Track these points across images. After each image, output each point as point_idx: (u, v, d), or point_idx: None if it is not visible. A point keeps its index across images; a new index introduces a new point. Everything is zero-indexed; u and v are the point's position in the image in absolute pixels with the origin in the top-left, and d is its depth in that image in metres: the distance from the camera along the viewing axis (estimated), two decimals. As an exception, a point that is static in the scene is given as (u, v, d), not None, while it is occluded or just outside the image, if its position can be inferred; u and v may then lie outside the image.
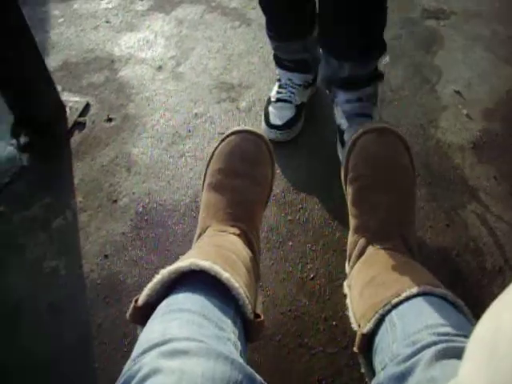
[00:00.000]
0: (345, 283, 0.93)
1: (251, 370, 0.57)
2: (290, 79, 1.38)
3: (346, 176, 0.96)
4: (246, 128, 0.98)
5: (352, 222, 0.94)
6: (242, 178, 0.94)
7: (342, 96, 1.28)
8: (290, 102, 1.37)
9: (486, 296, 1.07)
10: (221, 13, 1.79)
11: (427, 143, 1.35)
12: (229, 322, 0.66)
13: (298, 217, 1.23)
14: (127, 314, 0.70)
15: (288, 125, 1.35)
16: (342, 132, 1.28)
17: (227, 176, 0.94)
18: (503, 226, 1.18)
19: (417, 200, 0.95)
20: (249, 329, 0.72)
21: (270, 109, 1.37)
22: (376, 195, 0.90)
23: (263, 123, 1.36)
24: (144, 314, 0.67)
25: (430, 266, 0.85)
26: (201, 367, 0.52)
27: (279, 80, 1.41)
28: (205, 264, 0.68)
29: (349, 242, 0.95)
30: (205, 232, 0.90)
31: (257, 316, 0.74)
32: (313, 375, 0.99)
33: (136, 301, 0.70)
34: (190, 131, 1.43)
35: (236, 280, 0.70)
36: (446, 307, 0.67)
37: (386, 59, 1.22)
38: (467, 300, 0.73)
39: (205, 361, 0.53)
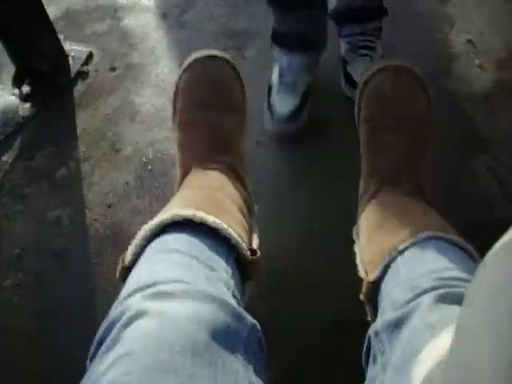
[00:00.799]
0: (354, 229, 0.90)
1: (241, 310, 0.55)
2: (290, 62, 1.23)
3: (358, 114, 0.92)
4: (206, 53, 0.92)
5: (363, 163, 0.91)
6: (215, 108, 0.89)
7: (347, 29, 1.27)
8: (294, 89, 1.23)
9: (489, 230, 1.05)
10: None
11: (438, 93, 1.31)
12: (221, 260, 0.63)
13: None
14: (116, 274, 0.68)
15: (294, 115, 1.21)
16: (345, 63, 1.28)
17: (198, 109, 0.90)
18: (513, 178, 1.16)
19: (433, 146, 0.90)
20: (246, 267, 0.70)
21: (273, 98, 1.23)
22: (388, 137, 0.86)
23: (266, 114, 1.24)
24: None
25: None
26: (186, 310, 0.50)
27: (279, 65, 1.26)
28: (187, 213, 0.65)
29: (360, 186, 0.92)
30: (187, 174, 0.87)
31: (253, 252, 0.72)
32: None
33: (123, 260, 0.68)
34: (194, 80, 1.39)
35: (224, 220, 0.68)
36: (453, 252, 0.65)
37: None
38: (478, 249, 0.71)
39: (191, 303, 0.51)
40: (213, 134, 0.88)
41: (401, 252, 0.67)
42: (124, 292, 0.57)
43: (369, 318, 0.74)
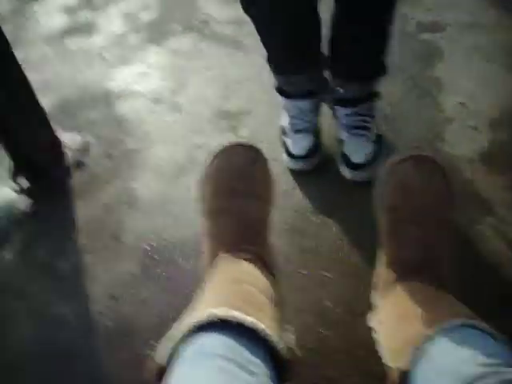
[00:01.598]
0: (370, 316, 0.88)
1: None
2: (299, 108, 1.30)
3: (381, 204, 0.92)
4: (233, 142, 0.94)
5: (384, 252, 0.91)
6: (243, 196, 0.90)
7: (341, 110, 1.29)
8: (307, 130, 1.31)
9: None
10: (215, 40, 1.76)
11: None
12: (260, 363, 0.61)
13: (314, 244, 1.19)
14: (145, 373, 0.65)
15: (310, 154, 1.30)
16: (341, 144, 1.30)
17: (226, 198, 0.90)
18: (522, 238, 1.15)
19: (453, 231, 0.91)
20: (284, 367, 0.67)
21: (288, 140, 1.32)
22: (412, 229, 0.86)
23: (284, 155, 1.33)
24: (163, 372, 0.62)
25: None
26: None
27: (288, 110, 1.33)
28: (224, 314, 0.64)
29: (377, 272, 0.91)
30: (214, 263, 0.86)
31: (290, 352, 0.69)
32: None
33: (154, 359, 0.65)
34: (191, 163, 1.40)
35: (260, 319, 0.66)
36: (485, 338, 0.63)
37: None
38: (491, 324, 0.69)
39: None
40: (241, 223, 0.88)
41: (431, 339, 0.65)
42: None
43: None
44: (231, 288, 0.75)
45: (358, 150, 1.26)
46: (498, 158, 1.31)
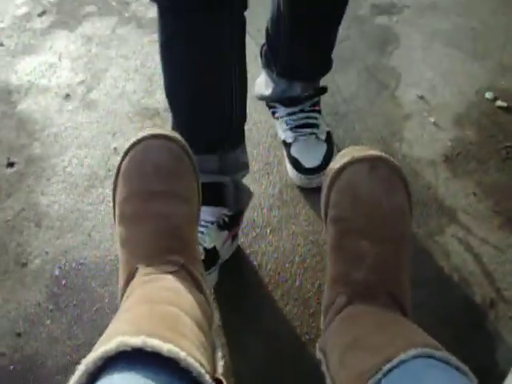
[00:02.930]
0: (317, 345, 0.89)
1: None
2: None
3: (325, 211, 0.91)
4: (151, 132, 0.89)
5: (331, 269, 0.89)
6: (162, 197, 0.87)
7: (283, 110, 1.32)
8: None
9: (479, 340, 1.06)
10: (136, 25, 1.76)
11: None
12: None
13: (248, 263, 1.20)
14: None
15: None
16: (288, 146, 1.32)
17: (143, 200, 0.87)
18: (489, 250, 1.19)
19: (411, 249, 0.91)
20: None
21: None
22: (362, 244, 0.85)
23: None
24: None
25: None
26: None
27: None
28: (136, 341, 0.63)
29: (325, 294, 0.90)
30: (132, 279, 0.84)
31: (218, 383, 0.69)
32: None
33: None
34: (109, 170, 1.39)
35: (182, 345, 0.65)
36: (448, 372, 0.64)
37: None
38: (459, 349, 0.71)
39: None
40: (161, 230, 0.86)
41: (385, 374, 0.66)
42: None
43: None
44: (148, 310, 0.73)
45: (309, 152, 1.28)
46: (462, 160, 1.34)
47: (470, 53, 1.58)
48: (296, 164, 1.29)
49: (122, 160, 0.90)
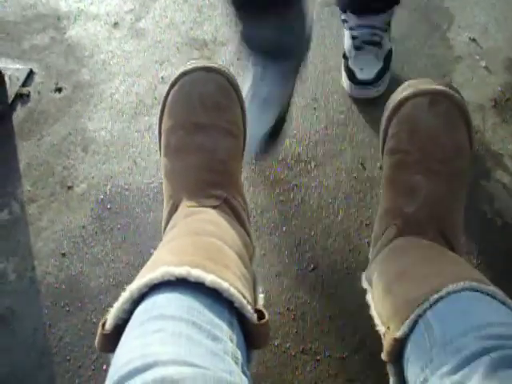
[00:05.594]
0: (363, 275, 0.89)
1: None
2: (264, 73, 1.22)
3: (383, 142, 0.90)
4: (199, 64, 0.88)
5: (383, 201, 0.89)
6: (208, 130, 0.87)
7: (354, 20, 1.32)
8: (269, 104, 1.21)
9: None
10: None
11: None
12: (224, 326, 0.61)
13: (291, 196, 1.19)
14: (95, 343, 0.65)
15: (271, 134, 1.21)
16: (347, 59, 1.34)
17: (188, 132, 0.87)
18: (535, 196, 1.16)
19: (467, 187, 0.89)
20: (251, 332, 0.67)
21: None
22: (416, 178, 0.84)
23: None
24: (115, 339, 0.61)
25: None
26: None
27: (252, 76, 1.24)
28: (181, 271, 0.63)
29: (376, 225, 0.90)
30: (176, 211, 0.84)
31: (259, 315, 0.68)
32: (320, 386, 0.96)
33: (103, 325, 0.64)
34: (156, 99, 1.38)
35: (225, 276, 0.65)
36: (495, 305, 0.63)
37: None
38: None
39: None
40: (205, 163, 0.86)
41: (433, 304, 0.65)
42: (113, 373, 0.53)
43: (391, 383, 0.71)
44: (192, 241, 0.73)
45: (365, 66, 1.30)
46: (510, 105, 1.31)
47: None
48: (350, 75, 1.31)
49: (169, 90, 0.89)
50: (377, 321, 0.76)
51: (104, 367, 1.01)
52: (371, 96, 1.31)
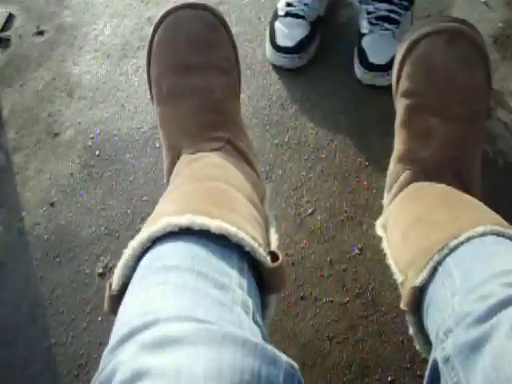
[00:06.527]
0: (378, 222, 0.86)
1: (271, 350, 0.48)
2: None
3: (397, 84, 0.86)
4: (184, 1, 0.84)
5: (397, 145, 0.85)
6: (199, 70, 0.83)
7: None
8: (303, 16, 1.22)
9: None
10: None
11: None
12: (233, 272, 0.57)
13: (286, 138, 1.15)
14: (104, 306, 0.62)
15: (300, 47, 1.21)
16: (361, 37, 1.21)
17: (179, 75, 0.83)
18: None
19: (485, 129, 0.86)
20: (266, 276, 0.63)
21: (277, 25, 1.23)
22: (432, 121, 0.80)
23: (267, 44, 1.25)
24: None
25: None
26: (201, 361, 0.43)
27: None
28: (184, 221, 0.59)
29: (390, 171, 0.87)
30: (177, 160, 0.81)
31: (274, 257, 0.65)
32: (322, 332, 0.94)
33: (110, 286, 0.61)
34: (143, 40, 1.33)
35: (232, 221, 0.62)
36: None
37: None
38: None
39: (206, 350, 0.44)
40: (202, 105, 0.82)
41: (452, 250, 0.62)
42: (115, 333, 0.49)
43: (410, 332, 0.69)
44: (195, 188, 0.70)
45: (379, 48, 1.18)
46: (510, 41, 1.26)
47: None
48: (361, 55, 1.19)
49: (154, 33, 0.84)
50: (394, 269, 0.74)
51: (99, 319, 0.99)
52: (383, 84, 1.18)
